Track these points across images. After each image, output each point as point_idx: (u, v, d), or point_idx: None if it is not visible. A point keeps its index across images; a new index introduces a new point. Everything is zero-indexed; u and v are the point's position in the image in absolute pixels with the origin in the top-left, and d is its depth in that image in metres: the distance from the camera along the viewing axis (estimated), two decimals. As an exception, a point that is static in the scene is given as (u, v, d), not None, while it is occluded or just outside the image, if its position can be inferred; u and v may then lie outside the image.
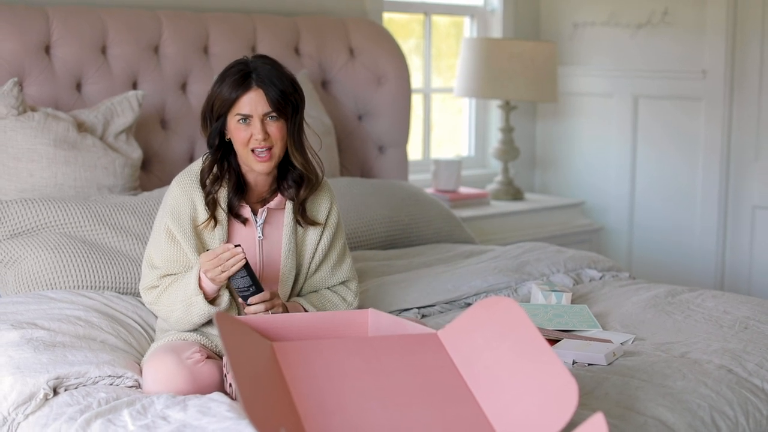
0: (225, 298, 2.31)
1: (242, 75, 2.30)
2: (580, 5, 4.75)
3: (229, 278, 2.25)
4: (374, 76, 3.84)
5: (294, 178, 2.40)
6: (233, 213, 2.38)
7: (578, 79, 4.78)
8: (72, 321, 2.40)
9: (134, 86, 3.31)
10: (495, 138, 4.74)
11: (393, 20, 4.34)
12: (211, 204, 2.35)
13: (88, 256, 2.68)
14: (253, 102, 2.29)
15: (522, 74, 4.26)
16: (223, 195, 2.37)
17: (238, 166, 2.38)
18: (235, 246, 2.22)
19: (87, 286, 2.65)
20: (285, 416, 1.69)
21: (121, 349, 2.36)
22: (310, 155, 2.41)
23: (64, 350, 2.24)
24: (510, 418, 1.80)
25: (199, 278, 2.27)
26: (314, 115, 3.44)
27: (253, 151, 2.31)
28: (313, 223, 2.44)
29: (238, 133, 2.31)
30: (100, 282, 2.67)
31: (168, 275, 2.34)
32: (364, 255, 3.17)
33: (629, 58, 4.62)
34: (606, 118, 4.72)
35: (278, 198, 2.41)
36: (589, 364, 2.31)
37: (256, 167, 2.33)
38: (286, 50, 3.63)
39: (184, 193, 2.36)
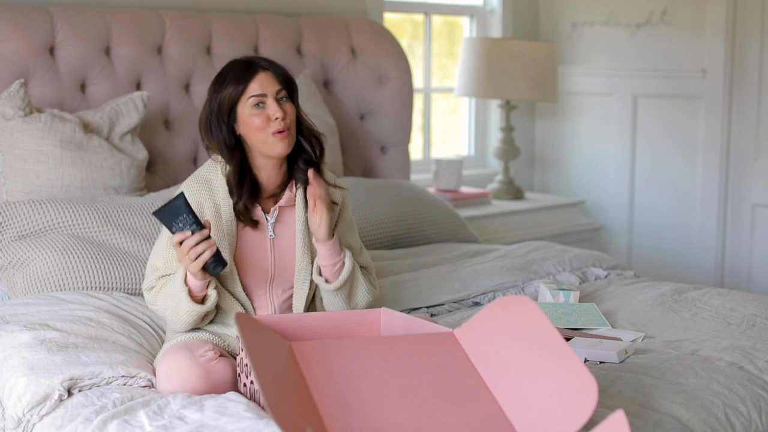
0: (212, 297, 2.27)
1: (245, 63, 2.32)
2: (580, 5, 4.76)
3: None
4: (376, 76, 3.84)
5: (304, 160, 2.38)
6: (247, 218, 2.36)
7: (578, 79, 4.79)
8: (83, 322, 2.39)
9: (138, 87, 3.30)
10: (495, 137, 4.75)
11: (386, 20, 4.32)
12: (243, 211, 2.34)
13: (96, 257, 2.68)
14: (264, 82, 2.30)
15: (522, 74, 4.27)
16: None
17: (250, 168, 2.36)
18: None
19: (96, 287, 2.65)
20: (307, 415, 1.69)
21: (132, 349, 2.35)
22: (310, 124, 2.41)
23: (77, 351, 2.24)
24: (529, 416, 1.80)
25: (185, 276, 2.25)
26: (317, 115, 3.43)
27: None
28: (334, 187, 2.41)
29: (253, 119, 2.28)
30: (108, 283, 2.66)
31: (166, 275, 2.33)
32: (371, 254, 3.16)
33: (629, 58, 4.63)
34: (605, 118, 4.73)
35: (287, 195, 2.39)
36: (600, 362, 2.32)
37: (277, 149, 2.29)
38: (289, 50, 3.63)
39: (192, 197, 2.35)
